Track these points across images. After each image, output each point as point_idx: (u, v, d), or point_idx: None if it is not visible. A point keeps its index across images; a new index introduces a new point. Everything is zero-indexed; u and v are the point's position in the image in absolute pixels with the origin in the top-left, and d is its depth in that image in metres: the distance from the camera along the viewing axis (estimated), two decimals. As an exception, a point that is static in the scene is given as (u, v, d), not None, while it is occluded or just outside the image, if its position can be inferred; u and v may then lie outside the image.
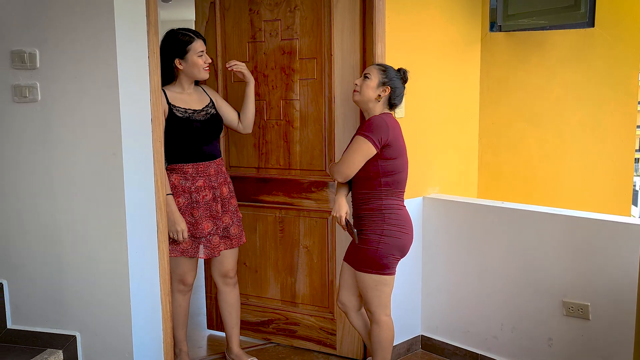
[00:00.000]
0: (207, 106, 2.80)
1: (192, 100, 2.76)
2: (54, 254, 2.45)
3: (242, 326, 3.24)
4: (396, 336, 2.93)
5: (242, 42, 3.15)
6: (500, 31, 3.38)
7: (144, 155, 2.39)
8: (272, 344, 3.30)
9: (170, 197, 2.63)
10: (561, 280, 2.65)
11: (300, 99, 3.04)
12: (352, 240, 2.56)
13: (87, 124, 2.34)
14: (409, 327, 3.17)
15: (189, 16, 6.78)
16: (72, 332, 2.47)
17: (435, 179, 3.21)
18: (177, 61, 2.69)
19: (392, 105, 2.53)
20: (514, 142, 3.42)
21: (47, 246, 2.46)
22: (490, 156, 3.48)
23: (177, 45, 2.68)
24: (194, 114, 2.73)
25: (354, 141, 2.45)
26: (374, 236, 2.47)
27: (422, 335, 3.22)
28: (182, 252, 2.73)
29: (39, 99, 2.38)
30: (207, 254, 2.77)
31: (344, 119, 2.93)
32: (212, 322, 3.46)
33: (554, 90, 3.28)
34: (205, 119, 2.75)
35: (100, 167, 2.34)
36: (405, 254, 2.54)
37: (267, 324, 3.29)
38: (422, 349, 3.22)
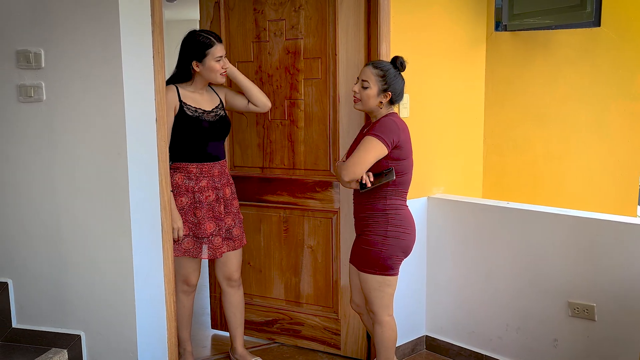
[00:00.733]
0: (217, 107, 2.80)
1: (203, 100, 2.76)
2: (58, 254, 2.46)
3: (247, 326, 3.24)
4: (401, 336, 2.93)
5: (247, 42, 3.14)
6: (505, 31, 3.36)
7: (148, 155, 2.40)
8: (276, 343, 3.30)
9: (170, 194, 2.63)
10: (567, 280, 2.64)
11: (304, 99, 3.04)
12: (356, 241, 2.56)
13: (92, 123, 2.35)
14: (413, 327, 3.16)
15: (193, 16, 6.79)
16: (76, 331, 2.48)
17: (440, 179, 3.20)
18: (194, 63, 2.68)
19: (393, 102, 2.51)
20: (519, 142, 3.41)
21: (51, 246, 2.46)
22: (495, 156, 3.46)
23: (196, 47, 2.66)
24: (204, 114, 2.73)
25: (365, 141, 2.41)
26: (377, 237, 2.46)
27: (426, 335, 3.21)
28: (184, 252, 2.73)
29: (44, 98, 2.38)
30: (210, 254, 2.76)
31: (348, 118, 2.93)
32: (217, 322, 3.46)
33: (560, 90, 3.26)
34: (214, 120, 2.75)
35: (104, 166, 2.35)
36: (408, 254, 2.54)
37: (272, 323, 3.29)
38: (427, 350, 3.21)
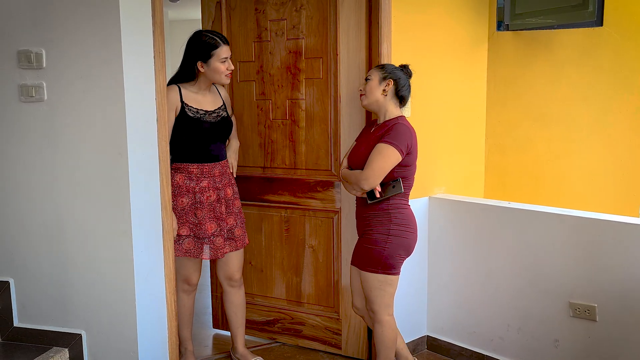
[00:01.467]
0: (219, 108, 2.79)
1: (205, 101, 2.75)
2: (59, 253, 2.47)
3: (248, 325, 3.24)
4: (402, 336, 2.93)
5: (248, 42, 3.15)
6: (507, 30, 3.36)
7: (149, 155, 2.40)
8: (277, 343, 3.30)
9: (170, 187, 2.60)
10: (568, 281, 2.63)
11: (306, 99, 3.04)
12: (358, 242, 2.56)
13: (93, 123, 2.35)
14: (414, 327, 3.16)
15: (195, 16, 6.79)
16: (77, 330, 2.49)
17: (441, 179, 3.20)
18: (199, 64, 2.67)
19: (401, 98, 2.53)
20: (521, 142, 3.40)
21: (52, 245, 2.47)
22: (497, 156, 3.46)
23: (201, 47, 2.65)
24: (205, 115, 2.72)
25: (382, 149, 2.41)
26: (380, 236, 2.47)
27: (427, 335, 3.21)
28: (185, 252, 2.72)
29: (45, 98, 2.39)
30: (211, 255, 2.76)
31: (349, 118, 2.93)
32: (218, 321, 3.47)
33: (562, 89, 3.25)
34: (215, 121, 2.75)
35: (105, 166, 2.35)
36: (410, 254, 2.54)
37: (273, 323, 3.30)
38: (428, 350, 3.21)
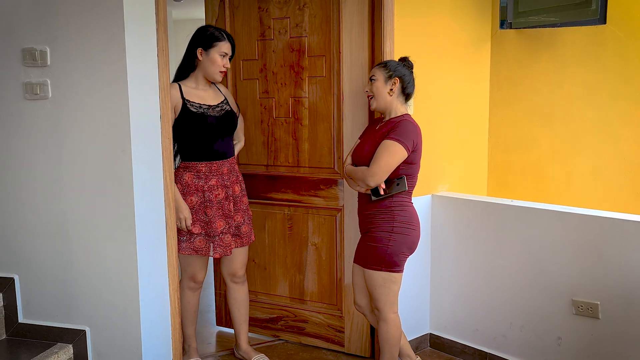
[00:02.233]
0: (222, 102, 2.79)
1: (207, 96, 2.75)
2: (64, 250, 2.48)
3: (251, 323, 3.25)
4: (405, 334, 2.93)
5: (252, 40, 3.15)
6: (510, 28, 3.35)
7: (153, 152, 2.41)
8: (280, 340, 3.31)
9: (175, 186, 2.59)
10: (571, 278, 2.63)
11: (309, 97, 3.05)
12: (361, 240, 2.57)
13: (97, 121, 2.36)
14: (417, 325, 3.16)
15: (199, 15, 6.80)
16: (81, 326, 2.50)
17: (444, 177, 3.20)
18: (199, 50, 2.68)
19: (407, 95, 2.54)
20: (524, 140, 3.40)
21: (57, 242, 2.49)
22: (500, 154, 3.46)
23: (205, 36, 2.68)
24: (209, 109, 2.72)
25: (388, 146, 2.42)
26: (383, 234, 2.47)
27: (430, 333, 3.21)
28: (195, 251, 2.72)
29: (50, 96, 2.40)
30: (220, 252, 2.75)
31: (352, 116, 2.93)
32: (221, 318, 3.48)
33: (565, 87, 3.25)
34: (219, 115, 2.74)
35: (109, 163, 2.37)
36: (413, 251, 2.55)
37: (276, 320, 3.30)
38: (431, 347, 3.21)
